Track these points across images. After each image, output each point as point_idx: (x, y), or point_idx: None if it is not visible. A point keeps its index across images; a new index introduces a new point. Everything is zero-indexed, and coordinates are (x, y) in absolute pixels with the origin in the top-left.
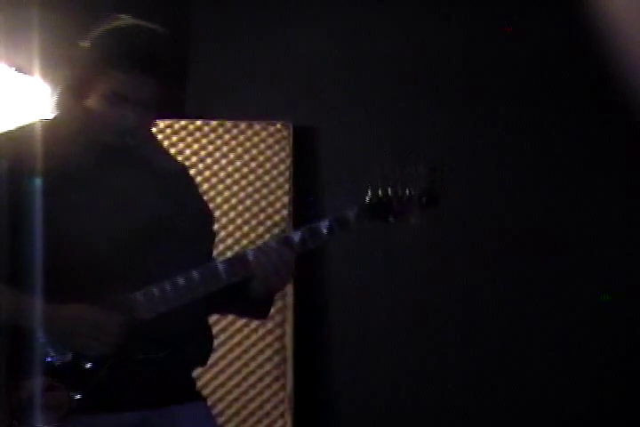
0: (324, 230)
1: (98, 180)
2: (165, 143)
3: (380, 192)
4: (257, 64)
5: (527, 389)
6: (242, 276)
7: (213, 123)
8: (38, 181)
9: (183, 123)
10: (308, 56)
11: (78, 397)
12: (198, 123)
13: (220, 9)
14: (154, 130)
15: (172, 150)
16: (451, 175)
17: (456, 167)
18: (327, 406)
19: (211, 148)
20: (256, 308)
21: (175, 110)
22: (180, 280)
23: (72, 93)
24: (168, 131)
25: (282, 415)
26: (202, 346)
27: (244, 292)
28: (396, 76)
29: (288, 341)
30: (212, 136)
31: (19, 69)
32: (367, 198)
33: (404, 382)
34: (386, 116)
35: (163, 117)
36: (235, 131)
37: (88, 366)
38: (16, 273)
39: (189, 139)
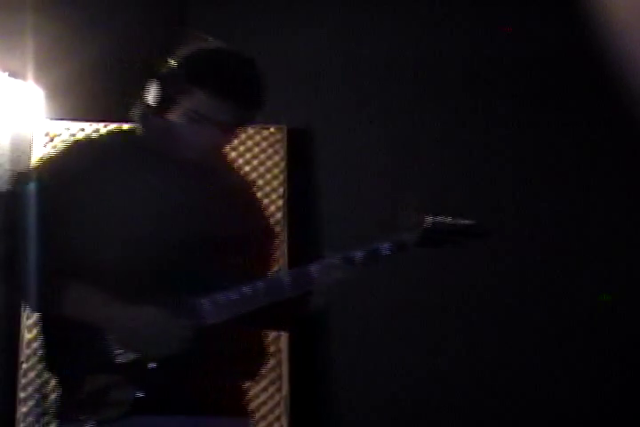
0: (385, 253)
1: (163, 192)
2: None
3: (437, 220)
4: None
5: (526, 389)
6: (305, 290)
7: None
8: (110, 188)
9: None
10: (302, 59)
11: (139, 395)
12: None
13: (213, 11)
14: None
15: None
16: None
17: (453, 168)
18: (323, 409)
19: None
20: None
21: None
22: (246, 289)
23: (155, 107)
24: None
25: (278, 419)
26: (254, 360)
27: (298, 306)
28: (392, 78)
29: (284, 343)
30: None
31: (12, 74)
32: (424, 226)
33: (401, 384)
34: (381, 119)
35: None
36: None
37: (151, 366)
38: (90, 274)
39: None
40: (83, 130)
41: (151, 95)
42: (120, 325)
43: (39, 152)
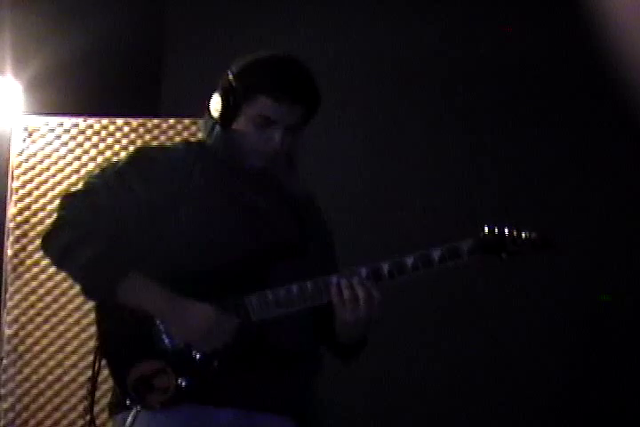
0: (437, 259)
1: (236, 198)
2: (139, 142)
3: (495, 230)
4: (231, 62)
5: (523, 390)
6: (357, 291)
7: (187, 121)
8: (183, 195)
9: (156, 121)
10: None
11: (184, 383)
12: (171, 121)
13: (195, 5)
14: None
15: None
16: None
17: (447, 169)
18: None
19: None
20: (339, 345)
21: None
22: (294, 288)
23: (221, 118)
24: (141, 129)
25: None
26: (311, 363)
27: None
28: (380, 77)
29: None
30: (186, 134)
31: None
32: (482, 234)
33: (395, 383)
34: (371, 118)
35: (137, 116)
36: None
37: (197, 356)
38: (153, 269)
39: (163, 137)
40: (61, 125)
41: (215, 108)
42: (171, 314)
43: (18, 147)
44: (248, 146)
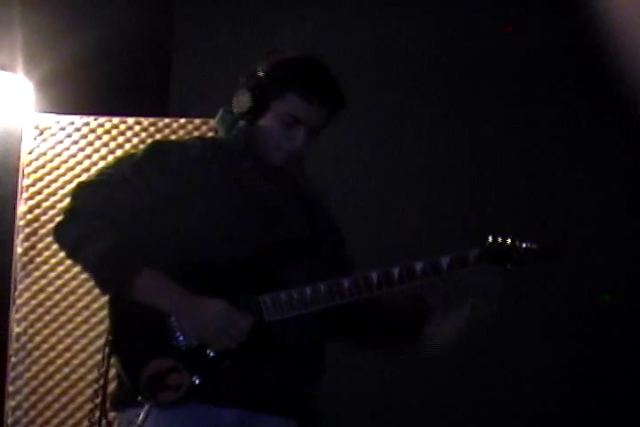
0: (445, 266)
1: (252, 194)
2: (149, 141)
3: (499, 239)
4: (241, 61)
5: (523, 390)
6: (364, 296)
7: (197, 121)
8: (199, 190)
9: (167, 121)
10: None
11: (197, 381)
12: (182, 121)
13: (204, 5)
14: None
15: None
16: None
17: (444, 167)
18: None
19: None
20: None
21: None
22: (307, 290)
23: (247, 113)
24: (152, 129)
25: None
26: (316, 366)
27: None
28: (381, 73)
29: None
30: (196, 134)
31: (1, 67)
32: (487, 243)
33: (391, 381)
34: (371, 116)
35: (148, 115)
36: None
37: (211, 355)
38: (166, 264)
39: (173, 137)
40: (72, 123)
41: (241, 103)
42: (186, 310)
43: (28, 145)
44: (271, 143)
